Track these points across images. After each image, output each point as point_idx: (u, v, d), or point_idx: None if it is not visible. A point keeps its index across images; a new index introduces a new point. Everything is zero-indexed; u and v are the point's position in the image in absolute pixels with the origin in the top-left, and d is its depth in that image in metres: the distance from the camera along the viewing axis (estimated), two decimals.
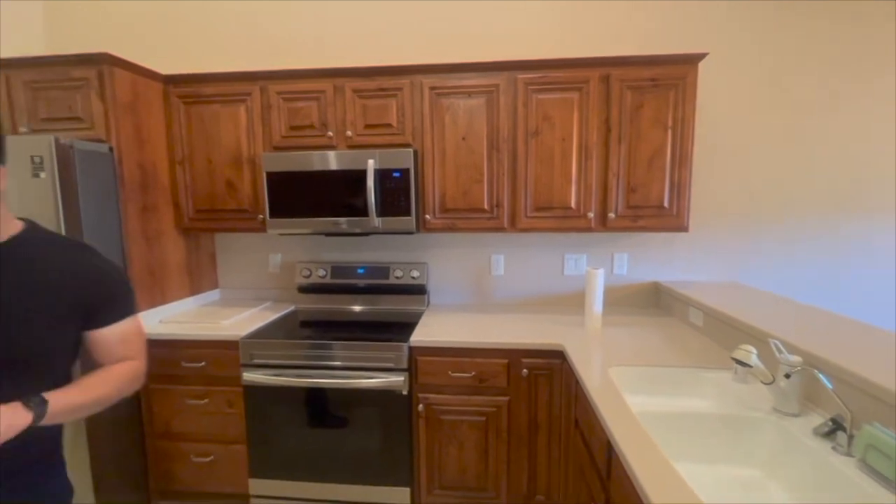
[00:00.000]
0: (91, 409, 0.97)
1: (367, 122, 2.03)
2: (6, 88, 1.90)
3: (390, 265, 2.35)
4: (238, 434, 1.97)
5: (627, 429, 1.08)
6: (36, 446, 0.98)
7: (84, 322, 0.97)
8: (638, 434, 1.06)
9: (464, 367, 1.82)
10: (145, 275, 2.04)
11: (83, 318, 0.96)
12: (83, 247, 1.00)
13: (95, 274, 0.97)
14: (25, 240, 0.95)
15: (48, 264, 0.93)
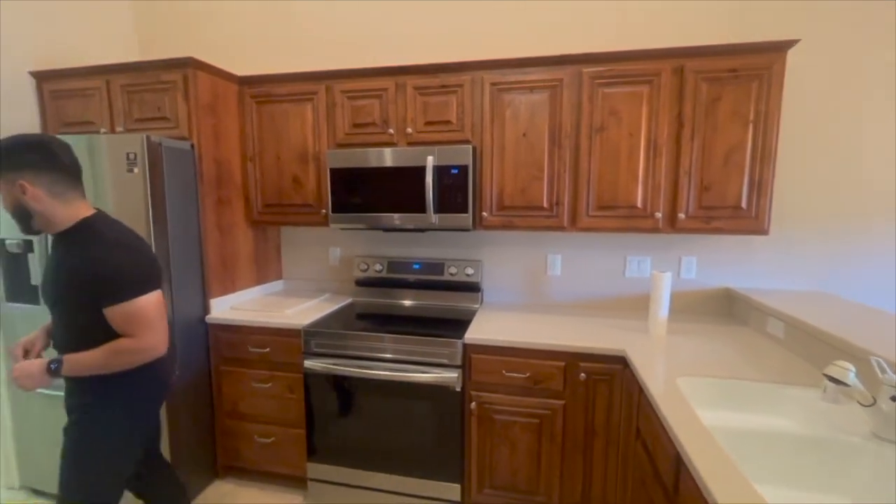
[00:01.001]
0: (93, 369, 1.27)
1: (426, 118, 2.04)
2: (107, 92, 2.10)
3: (445, 262, 2.36)
4: (297, 418, 2.06)
5: (700, 444, 1.01)
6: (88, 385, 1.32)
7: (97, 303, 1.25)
8: (713, 450, 0.98)
9: (518, 368, 1.79)
10: (218, 264, 2.19)
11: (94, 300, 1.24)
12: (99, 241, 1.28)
13: (94, 268, 1.24)
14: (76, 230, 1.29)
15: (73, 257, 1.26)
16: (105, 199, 1.84)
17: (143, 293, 1.28)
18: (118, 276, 1.25)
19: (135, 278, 1.27)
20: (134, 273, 1.28)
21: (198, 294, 2.09)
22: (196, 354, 2.09)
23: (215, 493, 2.16)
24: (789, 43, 1.69)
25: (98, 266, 1.24)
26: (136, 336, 1.27)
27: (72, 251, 1.27)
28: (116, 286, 1.24)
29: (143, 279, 1.30)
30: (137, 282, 1.28)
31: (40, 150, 1.24)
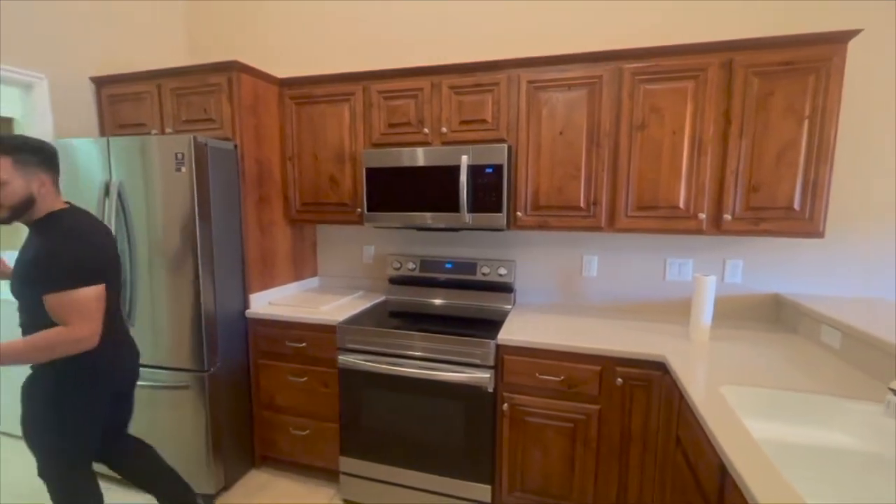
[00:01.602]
0: (24, 358, 1.30)
1: (461, 118, 2.04)
2: (158, 95, 2.21)
3: (478, 261, 2.35)
4: (332, 413, 2.10)
5: (748, 456, 0.96)
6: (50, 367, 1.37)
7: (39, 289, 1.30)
8: (762, 463, 0.93)
9: (552, 371, 1.76)
10: (258, 260, 2.26)
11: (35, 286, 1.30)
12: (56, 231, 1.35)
13: (37, 256, 1.31)
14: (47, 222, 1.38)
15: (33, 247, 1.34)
16: (154, 196, 1.94)
17: (85, 284, 1.32)
18: (59, 265, 1.30)
19: (76, 269, 1.31)
20: (77, 263, 1.32)
21: (238, 289, 2.17)
22: (236, 347, 2.16)
23: (252, 483, 2.23)
24: (850, 33, 1.59)
25: (47, 254, 1.30)
26: (68, 325, 1.30)
27: (34, 242, 1.35)
28: (56, 274, 1.29)
29: (87, 271, 1.33)
30: (79, 272, 1.31)
31: (49, 151, 1.40)
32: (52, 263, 1.30)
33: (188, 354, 2.00)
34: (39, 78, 2.09)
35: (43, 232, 1.36)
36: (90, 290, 1.34)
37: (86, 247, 1.37)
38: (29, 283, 1.33)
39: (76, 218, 1.42)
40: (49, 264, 1.30)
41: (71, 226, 1.38)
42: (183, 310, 1.97)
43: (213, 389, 2.02)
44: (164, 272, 1.97)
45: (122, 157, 1.95)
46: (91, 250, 1.38)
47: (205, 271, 1.96)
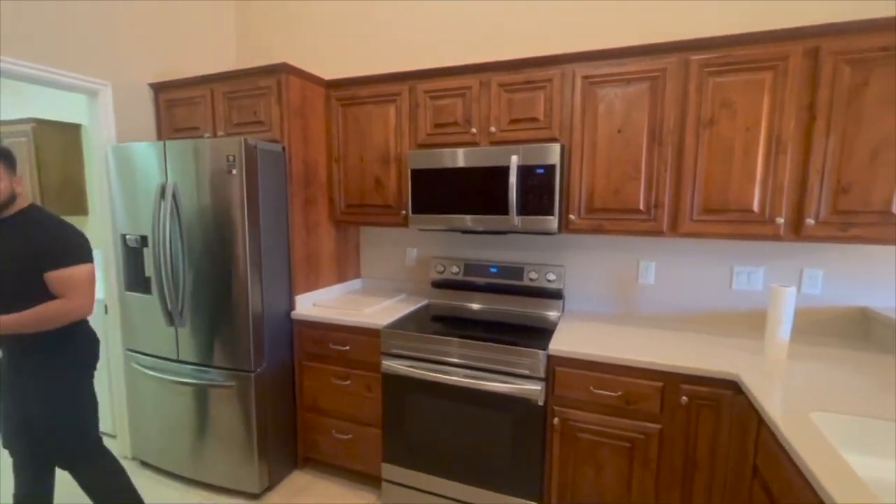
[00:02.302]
0: (25, 327, 1.46)
1: (511, 116, 1.96)
2: (211, 99, 2.26)
3: (524, 266, 2.26)
4: (374, 418, 2.07)
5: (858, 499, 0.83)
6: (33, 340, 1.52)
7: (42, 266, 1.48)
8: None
9: (608, 385, 1.64)
10: (303, 261, 2.26)
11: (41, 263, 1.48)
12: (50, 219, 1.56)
13: (43, 239, 1.50)
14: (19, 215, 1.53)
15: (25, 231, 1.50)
16: (206, 198, 1.97)
17: (83, 262, 1.55)
18: (63, 245, 1.53)
19: (77, 249, 1.55)
20: (77, 244, 1.56)
21: (284, 290, 2.18)
22: (281, 348, 2.18)
23: (295, 483, 2.24)
24: None
25: (49, 237, 1.52)
26: (67, 297, 1.50)
27: (28, 228, 1.52)
28: (61, 253, 1.51)
29: (85, 251, 1.57)
30: (79, 252, 1.55)
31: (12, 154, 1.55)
32: (57, 245, 1.52)
33: (236, 354, 2.02)
34: (104, 85, 2.18)
35: (31, 222, 1.54)
36: (88, 267, 1.57)
37: (77, 232, 1.59)
38: (39, 264, 1.49)
39: (52, 211, 1.64)
40: (54, 245, 1.52)
41: (57, 216, 1.60)
42: (231, 310, 2.00)
43: (259, 390, 2.04)
44: (214, 273, 2.01)
45: (177, 159, 2.00)
46: (79, 235, 1.59)
47: (253, 272, 1.97)
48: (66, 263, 1.51)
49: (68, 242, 1.55)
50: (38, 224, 1.55)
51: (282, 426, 2.21)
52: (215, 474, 2.15)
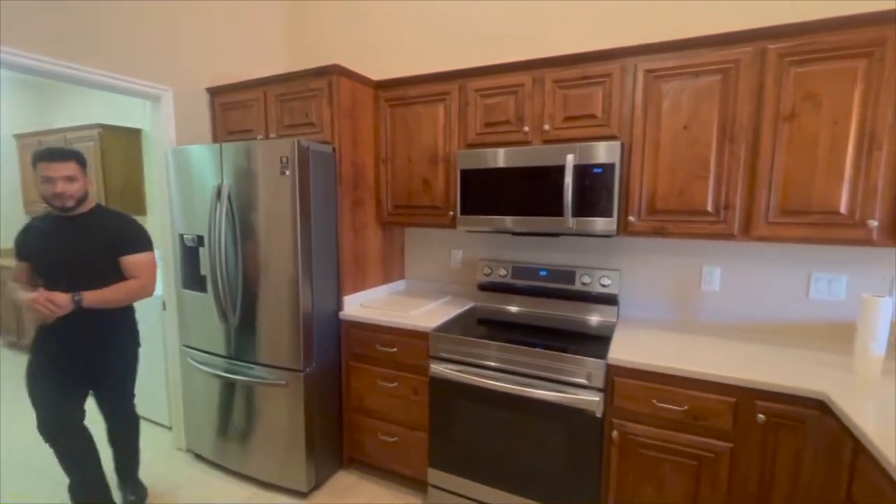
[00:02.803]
0: (108, 303, 1.76)
1: (566, 114, 1.88)
2: (264, 102, 2.30)
3: (577, 269, 2.17)
4: (421, 421, 2.04)
5: None
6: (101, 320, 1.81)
7: (117, 252, 1.80)
8: None
9: (673, 399, 1.54)
10: (351, 262, 2.27)
11: (116, 251, 1.80)
12: (120, 214, 1.90)
13: (120, 230, 1.84)
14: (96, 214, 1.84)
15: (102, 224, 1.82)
16: (259, 199, 2.00)
17: (150, 250, 1.89)
18: (141, 234, 1.88)
19: (146, 239, 1.89)
20: (145, 235, 1.90)
21: (333, 290, 2.19)
22: (330, 348, 2.19)
23: (341, 484, 2.24)
24: None
25: (123, 228, 1.85)
26: (139, 278, 1.82)
27: (106, 222, 1.82)
28: (133, 241, 1.84)
29: (148, 241, 1.90)
30: (147, 242, 1.89)
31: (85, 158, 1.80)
32: (130, 234, 1.85)
33: (286, 353, 2.05)
34: (166, 91, 2.27)
35: (104, 216, 1.85)
36: (153, 254, 1.89)
37: (141, 225, 1.91)
38: (115, 251, 1.80)
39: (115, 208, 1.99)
40: (128, 235, 1.84)
41: (125, 212, 1.93)
42: (282, 309, 2.02)
43: (308, 389, 2.05)
44: (266, 272, 2.04)
45: (232, 161, 2.04)
46: (144, 227, 1.90)
47: (303, 272, 1.99)
48: (138, 250, 1.84)
49: (138, 233, 1.87)
50: (111, 217, 1.86)
51: (329, 426, 2.22)
52: (264, 470, 2.19)
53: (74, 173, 1.71)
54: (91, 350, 1.83)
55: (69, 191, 1.70)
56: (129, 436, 2.09)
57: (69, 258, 1.75)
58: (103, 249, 1.79)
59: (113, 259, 1.80)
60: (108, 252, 1.79)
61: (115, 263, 1.80)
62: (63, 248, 1.75)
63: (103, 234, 1.80)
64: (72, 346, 1.79)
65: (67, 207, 1.73)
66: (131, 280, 1.82)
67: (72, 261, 1.75)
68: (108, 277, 1.78)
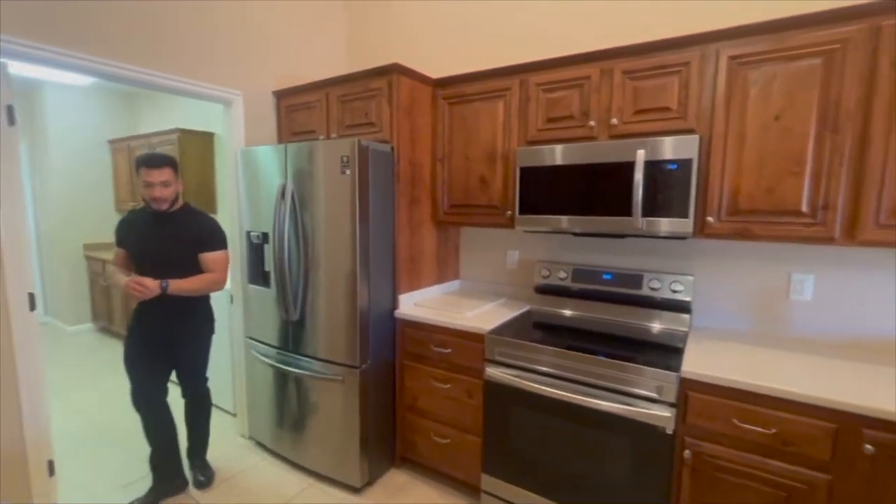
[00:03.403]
0: (188, 291, 1.95)
1: (637, 107, 1.75)
2: (326, 103, 2.36)
3: (644, 273, 2.03)
4: (474, 425, 2.00)
5: None
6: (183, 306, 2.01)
7: (198, 249, 2.00)
8: None
9: (758, 419, 1.38)
10: (406, 260, 2.27)
11: (198, 247, 2.00)
12: (212, 220, 2.08)
13: (204, 229, 2.03)
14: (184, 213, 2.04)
15: (190, 223, 2.02)
16: (320, 197, 2.05)
17: (225, 248, 2.08)
18: (219, 234, 2.06)
19: (221, 238, 2.07)
20: (223, 235, 2.08)
21: (389, 289, 2.20)
22: (385, 346, 2.20)
23: (393, 482, 2.25)
24: None
25: (205, 228, 2.04)
26: (215, 272, 2.02)
27: (192, 221, 2.02)
28: (213, 240, 2.03)
29: (225, 240, 2.09)
30: (222, 240, 2.08)
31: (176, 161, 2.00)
32: (211, 233, 2.04)
33: (343, 350, 2.08)
34: (236, 95, 2.39)
35: (191, 215, 2.04)
36: (227, 252, 2.10)
37: (220, 225, 2.09)
38: (196, 247, 2.00)
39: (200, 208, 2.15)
40: (213, 235, 2.04)
41: (206, 212, 2.12)
42: (340, 306, 2.06)
43: (363, 386, 2.07)
44: (326, 269, 2.08)
45: (296, 161, 2.11)
46: (222, 228, 2.09)
47: (361, 270, 2.01)
48: (216, 248, 2.04)
49: (217, 233, 2.06)
50: (197, 217, 2.05)
51: (382, 424, 2.23)
52: (320, 463, 2.24)
53: (169, 178, 1.91)
54: (174, 332, 2.03)
55: (165, 194, 1.90)
56: (201, 415, 2.25)
57: (158, 250, 1.95)
58: (188, 245, 1.99)
59: (194, 254, 2.00)
60: (191, 248, 1.99)
61: (196, 258, 2.00)
62: (153, 241, 1.96)
63: (189, 231, 1.99)
64: (158, 327, 1.99)
65: (162, 209, 1.94)
66: (208, 273, 2.01)
67: (160, 252, 1.95)
68: (189, 269, 1.98)
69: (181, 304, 2.00)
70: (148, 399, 2.01)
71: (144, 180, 1.88)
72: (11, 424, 1.72)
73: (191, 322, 2.08)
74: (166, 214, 1.97)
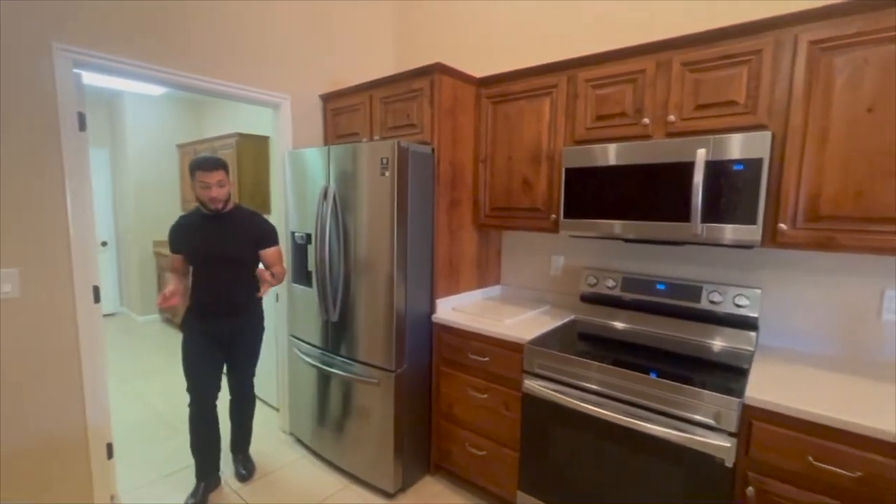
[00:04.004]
0: (274, 282, 2.09)
1: (698, 101, 1.59)
2: (369, 106, 2.37)
3: (704, 285, 1.84)
4: (511, 439, 1.90)
5: None
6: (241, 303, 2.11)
7: (256, 246, 2.10)
8: None
9: (839, 459, 1.19)
10: (445, 264, 2.22)
11: (256, 244, 2.10)
12: (262, 218, 2.16)
13: (259, 227, 2.12)
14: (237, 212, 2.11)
15: (244, 222, 2.09)
16: (361, 198, 2.05)
17: (279, 244, 2.19)
18: (274, 230, 2.16)
19: (275, 234, 2.17)
20: (275, 232, 2.17)
21: (426, 292, 2.16)
22: (421, 350, 2.16)
23: (427, 490, 2.20)
24: None
25: (262, 226, 2.13)
26: (278, 266, 2.16)
27: (246, 220, 2.09)
28: (270, 236, 2.14)
29: (278, 236, 2.18)
30: (277, 236, 2.18)
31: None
32: (268, 231, 2.14)
33: (378, 352, 2.06)
34: (284, 98, 2.45)
35: (245, 215, 2.11)
36: (281, 247, 2.21)
37: (272, 223, 2.19)
38: (254, 244, 2.09)
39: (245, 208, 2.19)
40: (269, 231, 2.15)
41: (257, 212, 2.20)
42: (377, 308, 2.04)
43: (398, 390, 2.04)
44: (365, 271, 2.08)
45: (338, 163, 2.12)
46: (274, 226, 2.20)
47: (398, 273, 1.98)
48: (274, 243, 2.15)
49: (271, 229, 2.15)
50: (249, 216, 2.12)
51: (417, 430, 2.19)
52: (354, 465, 2.23)
53: (223, 179, 1.96)
54: (233, 331, 2.10)
55: (221, 194, 1.96)
56: (247, 413, 2.31)
57: (216, 250, 2.01)
58: (246, 242, 2.07)
59: (253, 251, 2.09)
60: (249, 245, 2.07)
61: (254, 255, 2.10)
62: (212, 241, 2.01)
63: (246, 229, 2.07)
64: (217, 327, 2.06)
65: (219, 209, 1.99)
66: (278, 266, 2.15)
67: (221, 251, 2.01)
68: (248, 266, 2.09)
69: (240, 304, 2.08)
70: (204, 408, 2.06)
71: (201, 181, 1.92)
72: (75, 408, 1.85)
73: (248, 321, 2.15)
74: (221, 215, 2.02)
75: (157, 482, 2.22)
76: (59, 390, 1.81)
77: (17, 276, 1.68)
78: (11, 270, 1.66)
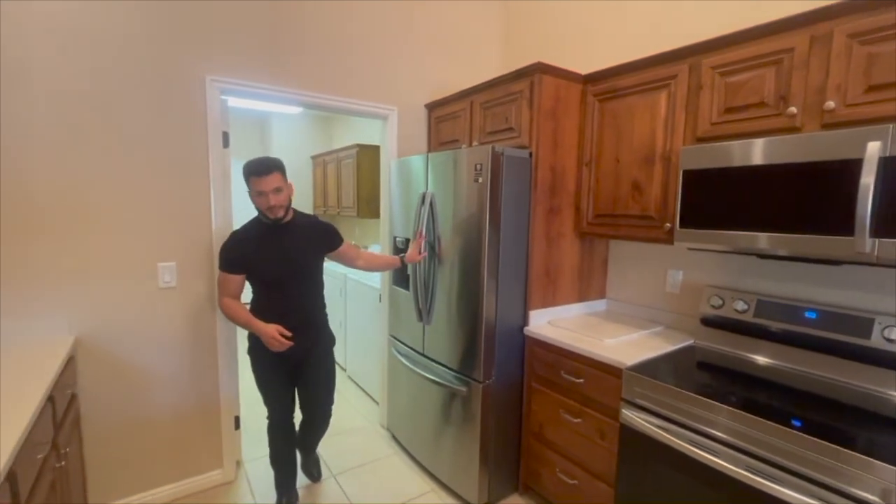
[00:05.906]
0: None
1: (870, 82, 1.24)
2: (469, 112, 2.36)
3: (875, 317, 1.43)
4: (606, 471, 1.71)
5: None
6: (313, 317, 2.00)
7: (327, 249, 2.04)
8: None
9: None
10: (541, 274, 2.09)
11: (326, 248, 2.04)
12: (317, 218, 2.06)
13: (324, 228, 2.03)
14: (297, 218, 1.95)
15: (307, 228, 1.96)
16: (455, 204, 2.05)
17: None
18: (335, 230, 2.07)
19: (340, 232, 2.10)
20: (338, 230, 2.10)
21: (519, 303, 2.06)
22: (512, 363, 2.07)
23: None
24: None
25: (326, 228, 2.03)
26: (365, 256, 2.22)
27: (310, 227, 1.97)
28: (338, 234, 2.08)
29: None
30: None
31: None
32: (334, 231, 2.06)
33: (467, 361, 2.03)
34: (391, 109, 2.58)
35: (307, 219, 1.99)
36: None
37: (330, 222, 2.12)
38: (324, 248, 2.02)
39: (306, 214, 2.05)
40: (332, 232, 2.06)
41: (315, 216, 2.08)
42: (466, 316, 2.01)
43: (485, 402, 1.98)
44: (457, 278, 2.06)
45: (437, 169, 2.15)
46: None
47: (489, 280, 1.93)
48: (342, 240, 2.10)
49: (334, 227, 2.08)
50: (312, 219, 2.02)
51: (506, 445, 2.10)
52: (442, 471, 2.23)
53: (280, 183, 1.74)
54: (308, 349, 1.94)
55: (280, 200, 1.75)
56: (322, 431, 2.20)
57: (287, 265, 1.84)
58: (316, 248, 1.95)
59: (322, 256, 2.00)
60: (319, 250, 1.97)
61: (320, 260, 1.99)
62: (281, 254, 1.82)
63: (310, 237, 1.93)
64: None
65: (280, 217, 1.79)
66: (362, 260, 2.17)
67: (293, 263, 1.85)
68: (318, 274, 1.98)
69: (316, 322, 1.98)
70: (284, 428, 1.99)
71: (255, 189, 1.73)
72: (210, 383, 2.17)
73: (322, 337, 2.02)
74: (283, 225, 1.82)
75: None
76: (203, 368, 2.14)
77: (175, 269, 2.03)
78: (171, 264, 2.02)
